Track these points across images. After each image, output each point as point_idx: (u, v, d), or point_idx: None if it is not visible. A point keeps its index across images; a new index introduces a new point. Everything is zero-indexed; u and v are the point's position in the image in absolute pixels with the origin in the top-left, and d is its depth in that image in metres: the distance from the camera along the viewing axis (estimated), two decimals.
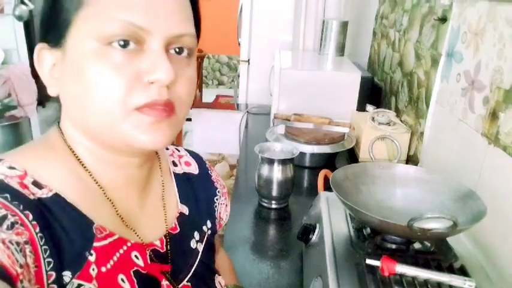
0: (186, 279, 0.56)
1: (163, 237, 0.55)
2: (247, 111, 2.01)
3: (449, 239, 0.71)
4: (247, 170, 1.38)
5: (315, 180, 1.11)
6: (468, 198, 0.72)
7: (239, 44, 2.36)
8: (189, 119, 3.78)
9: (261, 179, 1.07)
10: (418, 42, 1.32)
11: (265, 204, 1.10)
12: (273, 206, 1.09)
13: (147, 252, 0.51)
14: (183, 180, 0.63)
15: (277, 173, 1.05)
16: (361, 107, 1.51)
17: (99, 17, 0.42)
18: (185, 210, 0.60)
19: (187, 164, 0.66)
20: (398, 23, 1.56)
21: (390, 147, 1.28)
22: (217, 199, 0.67)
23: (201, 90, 4.41)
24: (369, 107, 1.51)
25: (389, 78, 1.62)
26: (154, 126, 0.44)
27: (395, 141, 1.12)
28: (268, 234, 1.03)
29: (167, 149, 0.66)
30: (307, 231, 0.81)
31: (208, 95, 5.15)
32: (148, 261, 0.51)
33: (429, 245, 0.70)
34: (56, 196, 0.44)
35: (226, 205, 0.70)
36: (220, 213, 0.68)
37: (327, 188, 0.89)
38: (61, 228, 0.43)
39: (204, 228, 0.63)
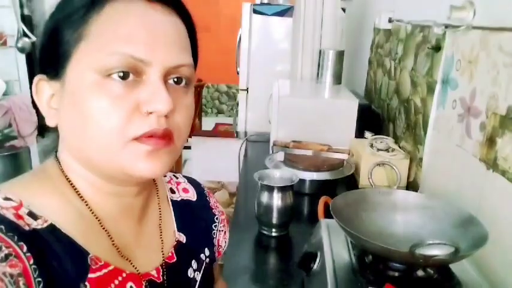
0: None
1: (160, 267, 0.54)
2: (246, 139, 2.02)
3: (453, 266, 0.70)
4: (246, 197, 1.37)
5: (315, 207, 1.11)
6: (469, 223, 0.72)
7: (238, 73, 2.41)
8: (188, 147, 3.80)
9: (261, 206, 1.07)
10: (413, 70, 1.35)
11: (265, 232, 1.09)
12: (273, 234, 1.08)
13: (143, 283, 0.50)
14: (181, 208, 0.62)
15: (276, 200, 1.05)
16: (359, 134, 1.52)
17: (100, 50, 0.43)
18: (182, 238, 0.59)
19: (186, 190, 0.66)
20: (393, 52, 1.59)
21: (390, 174, 1.28)
22: (215, 226, 0.67)
23: (200, 119, 4.44)
24: (367, 134, 1.52)
25: (386, 105, 1.64)
26: (153, 155, 0.45)
27: (395, 167, 1.12)
28: (268, 263, 1.01)
29: (165, 176, 0.66)
30: (308, 259, 0.80)
31: (208, 124, 5.19)
32: None
33: (432, 272, 0.69)
34: (51, 227, 0.44)
35: (225, 232, 0.69)
36: (219, 240, 0.67)
37: (327, 215, 0.88)
38: (55, 259, 0.43)
39: (202, 256, 0.62)
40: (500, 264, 0.78)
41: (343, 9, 2.08)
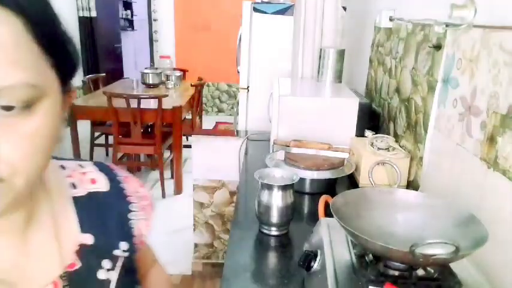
0: None
1: (59, 278, 0.49)
2: (247, 138, 2.02)
3: (453, 265, 0.70)
4: (247, 196, 1.37)
5: (316, 206, 1.11)
6: (469, 223, 0.72)
7: (238, 72, 2.40)
8: (188, 146, 3.80)
9: (261, 205, 1.07)
10: (414, 69, 1.34)
11: (265, 231, 1.09)
12: (274, 233, 1.08)
13: None
14: (86, 204, 0.55)
15: (277, 199, 1.05)
16: (360, 133, 1.52)
17: None
18: (89, 239, 0.53)
19: (93, 181, 0.58)
20: (394, 51, 1.59)
21: (390, 173, 1.28)
22: (132, 215, 0.60)
23: (200, 118, 4.45)
24: (368, 133, 1.52)
25: (387, 104, 1.63)
26: None
27: (395, 166, 1.12)
28: (269, 261, 1.01)
29: (64, 168, 0.57)
30: (309, 258, 0.80)
31: (208, 122, 5.20)
32: None
33: (432, 271, 0.69)
34: None
35: (147, 220, 0.62)
36: (140, 229, 0.61)
37: (328, 214, 0.88)
38: None
39: (117, 252, 0.56)
40: (500, 263, 0.78)
41: (344, 8, 2.08)
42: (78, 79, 5.11)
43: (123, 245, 0.57)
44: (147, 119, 3.32)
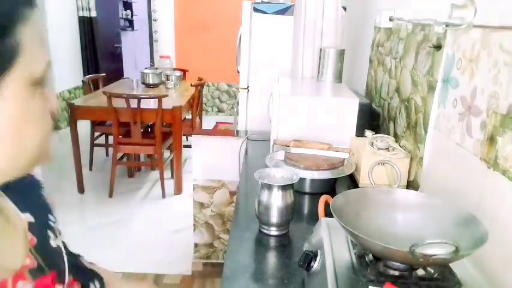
0: (67, 275, 0.57)
1: (30, 253, 0.53)
2: (247, 138, 2.02)
3: (453, 265, 0.70)
4: (247, 196, 1.37)
5: (316, 206, 1.11)
6: (469, 223, 0.72)
7: (238, 72, 2.40)
8: (188, 146, 3.80)
9: (261, 205, 1.07)
10: (414, 69, 1.34)
11: (265, 231, 1.09)
12: (274, 233, 1.08)
13: (26, 275, 0.50)
14: (11, 187, 0.56)
15: (277, 199, 1.05)
16: (360, 133, 1.52)
17: (32, 61, 0.43)
18: (29, 217, 0.57)
19: None
20: (394, 51, 1.59)
21: (390, 173, 1.28)
22: (44, 191, 0.65)
23: (200, 117, 4.45)
24: (368, 133, 1.52)
25: (387, 104, 1.63)
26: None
27: (395, 166, 1.12)
28: (269, 261, 1.01)
29: None
30: (309, 258, 0.80)
31: (208, 122, 5.20)
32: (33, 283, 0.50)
33: (432, 271, 0.69)
34: None
35: (49, 194, 0.67)
36: (52, 204, 0.66)
37: (328, 214, 0.89)
38: None
39: (51, 223, 0.61)
40: (500, 263, 0.78)
41: (344, 8, 2.08)
42: (78, 79, 5.12)
43: (52, 218, 0.62)
44: (147, 119, 3.32)
